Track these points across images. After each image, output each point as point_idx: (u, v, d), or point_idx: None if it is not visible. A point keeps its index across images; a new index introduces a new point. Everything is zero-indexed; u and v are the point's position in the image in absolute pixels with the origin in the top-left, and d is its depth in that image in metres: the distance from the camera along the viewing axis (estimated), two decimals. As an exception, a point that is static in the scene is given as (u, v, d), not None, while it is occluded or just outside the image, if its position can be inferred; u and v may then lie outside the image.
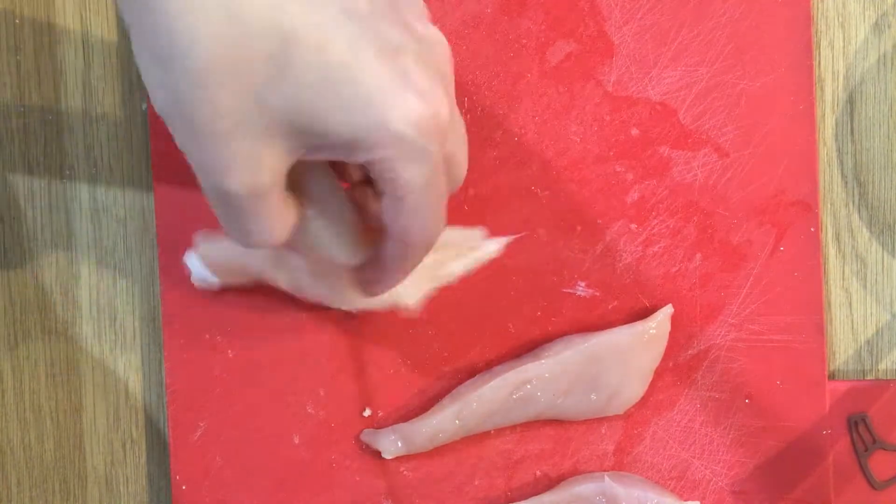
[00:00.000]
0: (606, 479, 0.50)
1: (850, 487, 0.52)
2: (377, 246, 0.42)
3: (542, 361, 0.50)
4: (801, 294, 0.51)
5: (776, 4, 0.51)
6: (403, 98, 0.35)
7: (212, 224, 0.51)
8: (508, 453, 0.52)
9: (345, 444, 0.52)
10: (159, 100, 0.35)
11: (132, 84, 0.53)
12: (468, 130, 0.51)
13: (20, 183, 0.52)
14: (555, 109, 0.51)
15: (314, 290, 0.49)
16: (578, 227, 0.52)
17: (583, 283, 0.52)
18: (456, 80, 0.51)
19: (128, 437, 0.53)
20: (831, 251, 0.53)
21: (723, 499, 0.52)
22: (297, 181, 0.40)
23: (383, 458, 0.51)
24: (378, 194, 0.39)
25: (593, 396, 0.50)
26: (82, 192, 0.53)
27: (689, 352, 0.52)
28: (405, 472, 0.52)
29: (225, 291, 0.51)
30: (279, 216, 0.38)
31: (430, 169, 0.37)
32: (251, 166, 0.35)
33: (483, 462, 0.52)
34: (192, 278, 0.50)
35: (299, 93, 0.34)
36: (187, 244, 0.50)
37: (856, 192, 0.53)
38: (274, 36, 0.34)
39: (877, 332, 0.53)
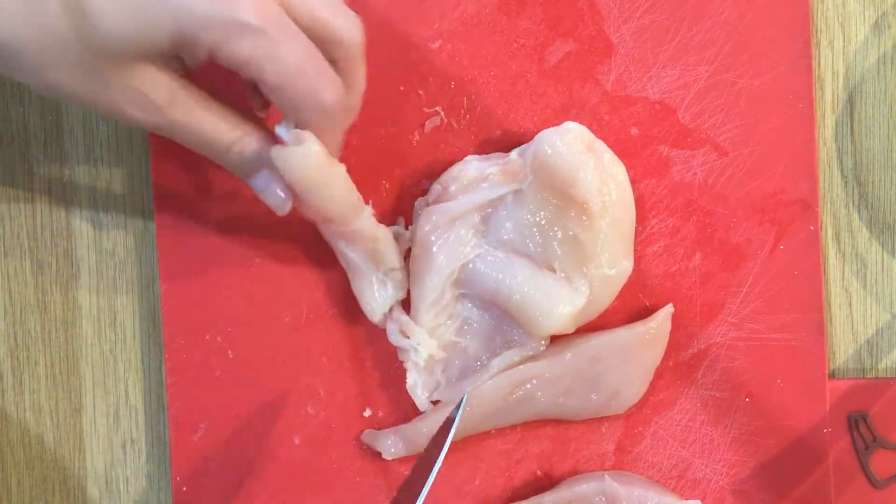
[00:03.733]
0: (607, 478, 0.50)
1: (851, 486, 0.52)
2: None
3: (543, 361, 0.49)
4: (800, 293, 0.51)
5: (776, 4, 0.51)
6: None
7: (212, 227, 0.51)
8: (508, 453, 0.52)
9: (345, 445, 0.52)
10: None
11: (132, 84, 0.53)
12: (468, 131, 0.51)
13: (20, 183, 0.53)
14: (554, 109, 0.51)
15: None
16: (578, 227, 0.52)
17: (583, 283, 0.52)
18: (456, 80, 0.51)
19: (128, 437, 0.53)
20: (831, 251, 0.53)
21: (723, 498, 0.52)
22: None
23: (384, 459, 0.51)
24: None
25: (594, 396, 0.50)
26: (82, 192, 0.53)
27: (690, 351, 0.52)
28: (405, 473, 0.52)
29: (225, 291, 0.51)
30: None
31: (261, 37, 0.40)
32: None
33: (483, 462, 0.52)
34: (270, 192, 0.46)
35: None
36: (187, 244, 0.50)
37: (856, 192, 0.53)
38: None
39: (877, 331, 0.53)
